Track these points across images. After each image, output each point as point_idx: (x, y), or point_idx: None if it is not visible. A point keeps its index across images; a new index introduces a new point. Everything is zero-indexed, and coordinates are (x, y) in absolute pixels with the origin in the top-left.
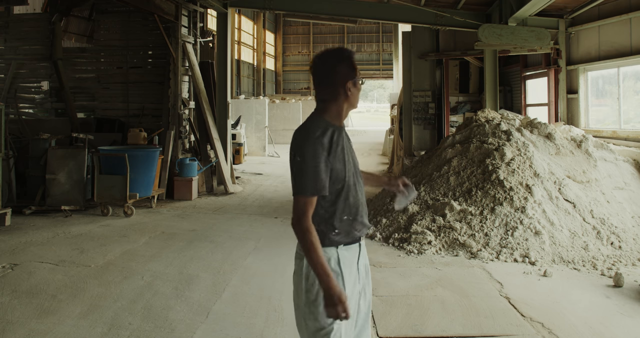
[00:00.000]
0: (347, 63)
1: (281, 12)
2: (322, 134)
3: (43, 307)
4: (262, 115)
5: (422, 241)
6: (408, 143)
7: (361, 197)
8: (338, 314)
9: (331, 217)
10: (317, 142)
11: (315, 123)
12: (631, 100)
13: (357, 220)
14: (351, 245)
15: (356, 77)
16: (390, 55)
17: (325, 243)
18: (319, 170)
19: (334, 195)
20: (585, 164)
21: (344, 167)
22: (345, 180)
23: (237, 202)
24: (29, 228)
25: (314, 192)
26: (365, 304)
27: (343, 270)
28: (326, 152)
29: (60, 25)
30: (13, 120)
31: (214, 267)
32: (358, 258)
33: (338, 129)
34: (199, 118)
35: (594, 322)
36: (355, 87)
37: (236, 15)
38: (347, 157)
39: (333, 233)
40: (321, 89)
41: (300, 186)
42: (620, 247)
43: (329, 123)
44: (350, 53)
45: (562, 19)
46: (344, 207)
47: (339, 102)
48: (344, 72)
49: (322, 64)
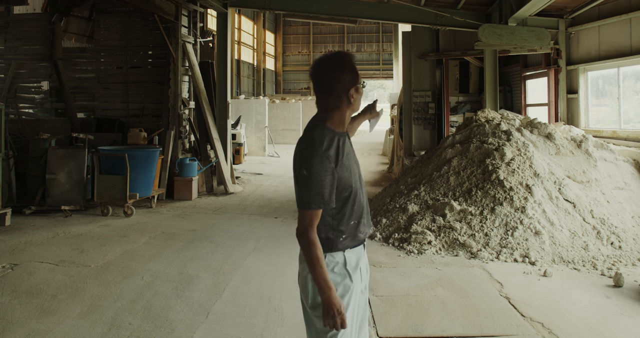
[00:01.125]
0: (348, 70)
1: (281, 12)
2: (328, 146)
3: (43, 307)
4: (262, 115)
5: (422, 241)
6: (408, 143)
7: (364, 199)
8: (336, 325)
9: (339, 224)
10: (324, 156)
11: (320, 133)
12: (631, 100)
13: (362, 222)
14: (357, 248)
15: (358, 83)
16: (390, 55)
17: (333, 249)
18: (325, 183)
19: (341, 203)
20: (585, 163)
21: (350, 174)
22: (352, 186)
23: (237, 202)
24: (29, 228)
25: (320, 205)
26: (364, 300)
27: (350, 272)
28: (333, 164)
29: (60, 25)
30: (13, 120)
31: (214, 267)
32: (360, 258)
33: (342, 137)
34: (199, 118)
35: (594, 322)
36: (358, 92)
37: (236, 15)
38: (352, 162)
39: (341, 239)
40: (323, 97)
41: (307, 200)
42: (620, 247)
43: (333, 131)
44: (349, 58)
45: (562, 19)
46: (350, 212)
47: (342, 109)
48: (347, 80)
49: (323, 73)
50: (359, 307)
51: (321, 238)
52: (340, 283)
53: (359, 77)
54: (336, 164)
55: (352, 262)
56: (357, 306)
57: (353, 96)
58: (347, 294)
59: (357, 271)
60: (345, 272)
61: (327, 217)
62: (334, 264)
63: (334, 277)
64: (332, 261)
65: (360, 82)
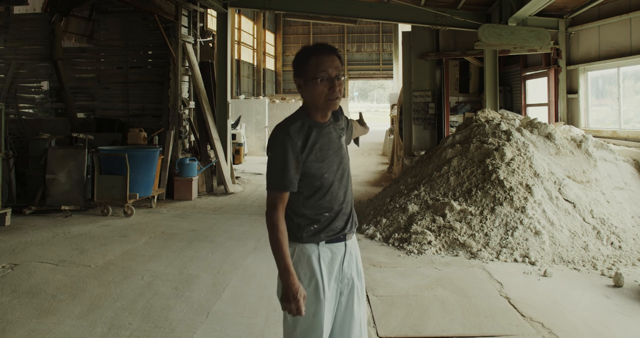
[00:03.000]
0: (296, 62)
1: (281, 12)
2: (296, 131)
3: (43, 307)
4: (262, 115)
5: (422, 241)
6: (408, 143)
7: (344, 196)
8: (291, 310)
9: (308, 211)
10: (286, 138)
11: (292, 119)
12: (631, 100)
13: (340, 218)
14: (335, 243)
15: (306, 75)
16: (390, 55)
17: (304, 239)
18: (287, 166)
19: (312, 191)
20: (585, 163)
21: (324, 165)
22: (325, 178)
23: (237, 202)
24: (29, 228)
25: (281, 187)
26: (358, 306)
27: (322, 269)
28: (298, 148)
29: (60, 25)
30: (13, 120)
31: (214, 267)
32: (343, 258)
33: (320, 126)
34: (199, 118)
35: (594, 322)
36: (307, 84)
37: (236, 15)
38: (330, 155)
39: (312, 228)
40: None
41: (269, 181)
42: (620, 247)
43: (310, 120)
44: (301, 51)
45: (562, 19)
46: (321, 203)
47: (307, 100)
48: (300, 72)
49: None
50: (335, 310)
51: (293, 223)
52: (307, 278)
53: (305, 68)
54: (303, 150)
55: (328, 258)
56: (332, 308)
57: (301, 87)
58: (314, 292)
59: (332, 270)
60: (317, 267)
61: (295, 202)
62: (306, 257)
63: (303, 270)
64: (304, 254)
65: (317, 75)
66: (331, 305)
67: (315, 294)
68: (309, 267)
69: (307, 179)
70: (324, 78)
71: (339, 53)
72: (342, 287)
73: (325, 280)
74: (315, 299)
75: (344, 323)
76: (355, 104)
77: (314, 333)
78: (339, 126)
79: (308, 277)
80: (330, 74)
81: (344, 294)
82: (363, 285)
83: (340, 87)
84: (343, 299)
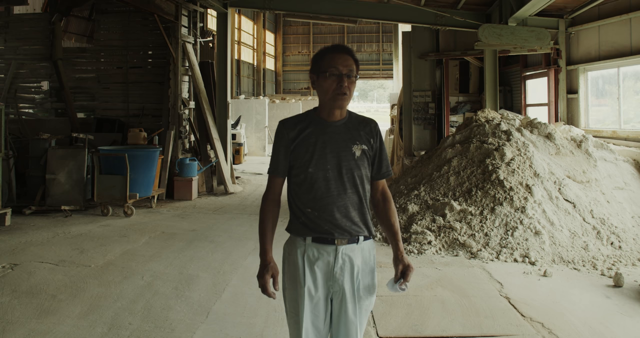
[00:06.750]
0: (313, 61)
1: (281, 12)
2: (293, 123)
3: (43, 307)
4: (262, 115)
5: (422, 241)
6: (408, 143)
7: (334, 199)
8: (260, 287)
9: (299, 203)
10: (281, 129)
11: (300, 114)
12: (631, 100)
13: (325, 218)
14: (323, 244)
15: (319, 69)
16: (390, 55)
17: (292, 230)
18: (278, 153)
19: (298, 183)
20: (585, 163)
21: (312, 159)
22: (309, 171)
23: (237, 202)
24: (29, 228)
25: (270, 170)
26: (354, 313)
27: (306, 267)
28: (289, 138)
29: (60, 25)
30: (13, 120)
31: (214, 267)
32: (334, 262)
33: (320, 122)
34: (199, 118)
35: (594, 322)
36: (319, 79)
37: (236, 15)
38: (324, 152)
39: (301, 218)
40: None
41: (269, 166)
42: (620, 247)
43: (314, 117)
44: (320, 51)
45: (562, 19)
46: (305, 197)
47: (319, 97)
48: (313, 70)
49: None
50: (325, 315)
51: (292, 212)
52: (289, 272)
53: (322, 62)
54: (294, 140)
55: (314, 259)
56: (322, 310)
57: (315, 82)
58: (293, 286)
59: (319, 272)
60: (301, 263)
61: (292, 192)
62: (292, 248)
63: (289, 262)
64: (293, 246)
65: (327, 69)
66: (321, 307)
67: (293, 279)
68: (291, 256)
69: (294, 170)
70: (333, 73)
71: (355, 56)
72: (332, 293)
73: (307, 273)
74: (294, 285)
75: (338, 328)
76: (356, 104)
77: (297, 324)
78: (360, 135)
79: (289, 265)
80: (341, 70)
81: (335, 300)
82: (367, 298)
83: (351, 85)
84: (335, 305)
